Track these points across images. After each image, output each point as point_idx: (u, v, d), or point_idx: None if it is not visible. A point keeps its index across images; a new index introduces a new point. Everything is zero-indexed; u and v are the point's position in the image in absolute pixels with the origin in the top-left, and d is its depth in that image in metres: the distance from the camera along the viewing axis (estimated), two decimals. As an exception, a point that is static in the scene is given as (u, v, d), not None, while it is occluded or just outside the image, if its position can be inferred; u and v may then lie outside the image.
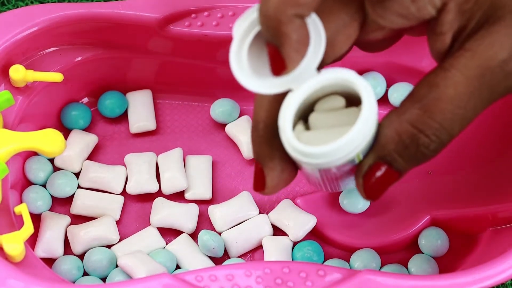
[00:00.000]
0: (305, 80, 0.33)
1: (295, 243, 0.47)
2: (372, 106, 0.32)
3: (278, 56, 0.32)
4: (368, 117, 0.32)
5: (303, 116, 0.35)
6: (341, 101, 0.34)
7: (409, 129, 0.33)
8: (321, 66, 0.35)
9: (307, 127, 0.35)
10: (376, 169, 0.34)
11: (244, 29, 0.33)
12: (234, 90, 0.48)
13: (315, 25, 0.32)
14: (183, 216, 0.47)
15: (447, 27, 0.33)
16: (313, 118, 0.34)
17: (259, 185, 0.36)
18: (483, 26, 0.33)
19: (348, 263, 0.47)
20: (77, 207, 0.47)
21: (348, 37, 0.35)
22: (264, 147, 0.35)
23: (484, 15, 0.33)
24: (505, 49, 0.32)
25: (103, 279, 0.45)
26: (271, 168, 0.36)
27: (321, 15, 0.33)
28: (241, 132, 0.49)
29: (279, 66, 0.32)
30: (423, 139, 0.33)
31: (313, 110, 0.35)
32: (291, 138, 0.33)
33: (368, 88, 0.32)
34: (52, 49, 0.47)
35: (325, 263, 0.46)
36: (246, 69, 0.33)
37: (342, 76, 0.33)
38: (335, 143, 0.32)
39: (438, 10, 0.33)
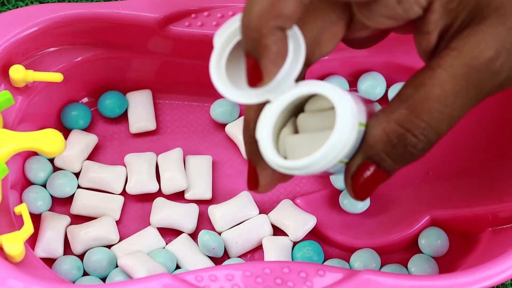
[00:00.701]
0: (283, 91, 0.33)
1: (295, 243, 0.47)
2: (346, 120, 0.32)
3: (255, 68, 0.32)
4: (341, 133, 0.32)
5: (296, 112, 0.35)
6: (330, 102, 0.34)
7: (397, 129, 0.33)
8: (308, 64, 0.35)
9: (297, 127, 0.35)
10: (365, 169, 0.34)
11: (225, 38, 0.33)
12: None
13: (295, 36, 0.32)
14: (183, 216, 0.47)
15: (432, 26, 0.33)
16: (301, 119, 0.35)
17: (253, 183, 0.36)
18: (469, 25, 0.33)
19: (348, 263, 0.47)
20: (77, 207, 0.47)
21: (334, 35, 0.35)
22: (256, 146, 0.35)
23: (469, 15, 0.33)
24: (491, 48, 0.32)
25: (103, 279, 0.45)
26: (263, 167, 0.36)
27: (307, 14, 0.34)
28: (241, 132, 0.49)
29: (255, 78, 0.32)
30: (411, 138, 0.33)
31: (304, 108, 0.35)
32: (267, 152, 0.33)
33: (343, 102, 0.32)
34: (52, 49, 0.47)
35: (325, 263, 0.46)
36: (225, 78, 0.33)
37: (317, 90, 0.33)
38: (309, 159, 0.32)
39: (424, 9, 0.33)
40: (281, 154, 0.34)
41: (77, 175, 0.48)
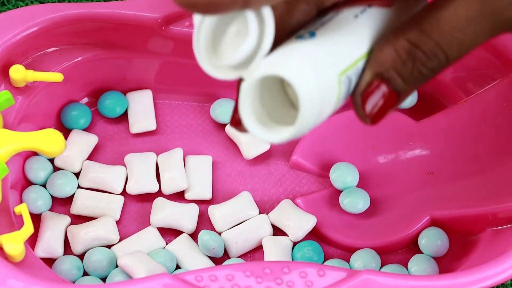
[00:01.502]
0: (254, 69, 0.33)
1: (295, 243, 0.47)
2: (311, 100, 0.31)
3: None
4: (307, 114, 0.31)
5: None
6: None
7: (406, 45, 0.32)
8: (320, 8, 0.34)
9: None
10: (375, 87, 0.33)
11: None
12: (234, 90, 0.48)
13: (263, 14, 0.32)
14: (183, 216, 0.47)
15: None
16: None
17: (234, 120, 0.35)
18: None
19: (348, 263, 0.47)
20: (77, 207, 0.47)
21: None
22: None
23: None
24: None
25: (103, 279, 0.45)
26: None
27: None
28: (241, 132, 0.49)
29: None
30: (420, 54, 0.32)
31: None
32: (252, 129, 0.33)
33: (305, 84, 0.31)
34: (52, 49, 0.47)
35: (325, 263, 0.46)
36: (203, 53, 0.33)
37: (278, 72, 0.31)
38: (287, 134, 0.31)
39: None
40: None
41: (77, 175, 0.48)
